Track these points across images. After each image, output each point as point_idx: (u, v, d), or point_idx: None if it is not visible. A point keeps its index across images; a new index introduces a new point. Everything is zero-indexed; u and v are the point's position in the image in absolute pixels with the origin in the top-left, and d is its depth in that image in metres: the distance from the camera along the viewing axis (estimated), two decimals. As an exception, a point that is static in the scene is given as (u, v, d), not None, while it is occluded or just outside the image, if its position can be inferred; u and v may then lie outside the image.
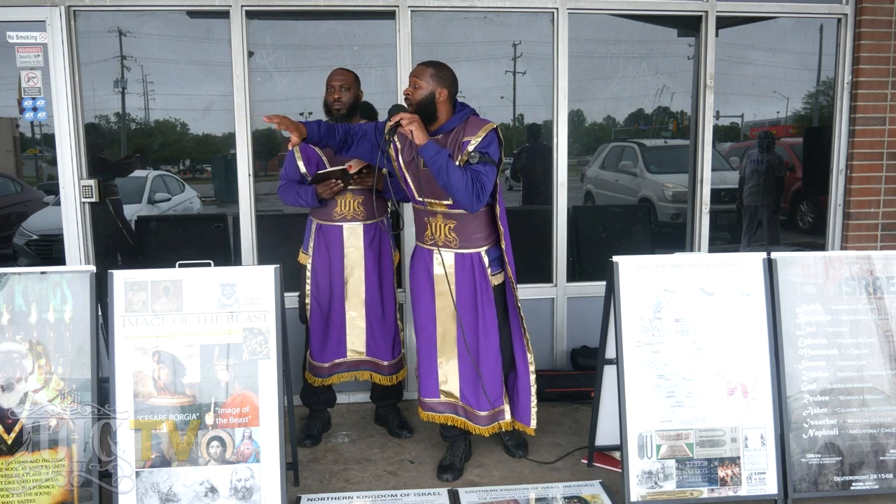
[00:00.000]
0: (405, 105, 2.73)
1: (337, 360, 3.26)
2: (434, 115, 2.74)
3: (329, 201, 3.14)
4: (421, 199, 2.83)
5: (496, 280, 2.87)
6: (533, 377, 2.95)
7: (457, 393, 2.93)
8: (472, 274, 2.84)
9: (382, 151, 2.77)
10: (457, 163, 2.66)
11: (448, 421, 2.97)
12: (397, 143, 2.82)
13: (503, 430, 2.94)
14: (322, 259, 3.20)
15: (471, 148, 2.67)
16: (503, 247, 2.85)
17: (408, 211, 3.77)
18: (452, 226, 2.81)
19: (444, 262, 2.84)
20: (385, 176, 3.20)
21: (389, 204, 3.35)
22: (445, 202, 2.76)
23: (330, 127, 2.84)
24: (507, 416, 2.93)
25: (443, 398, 2.96)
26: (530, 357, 2.95)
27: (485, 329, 2.86)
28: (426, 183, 2.75)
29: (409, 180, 2.83)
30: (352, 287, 3.22)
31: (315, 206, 3.14)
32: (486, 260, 2.84)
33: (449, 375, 2.92)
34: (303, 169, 3.16)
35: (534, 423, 2.97)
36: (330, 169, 3.03)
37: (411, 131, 2.60)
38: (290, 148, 2.84)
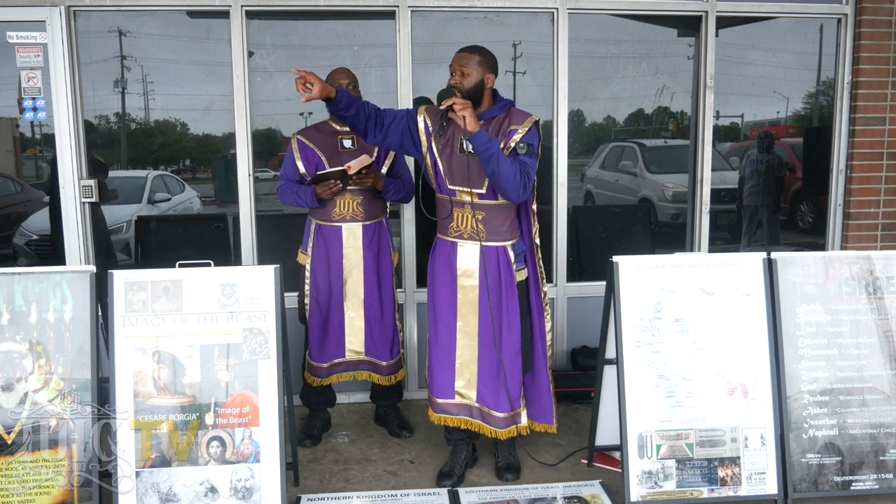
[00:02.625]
0: (452, 91, 2.66)
1: (336, 361, 3.26)
2: (480, 101, 2.72)
3: (328, 202, 3.13)
4: (451, 189, 2.77)
5: (520, 276, 2.83)
6: (550, 375, 2.93)
7: (473, 394, 2.86)
8: (497, 268, 2.79)
9: (436, 136, 2.74)
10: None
11: (462, 424, 2.90)
12: (430, 128, 2.77)
13: (519, 433, 2.88)
14: (321, 259, 3.20)
15: (517, 137, 2.66)
16: (536, 242, 2.85)
17: (407, 211, 3.77)
18: (481, 217, 2.75)
19: (460, 263, 2.79)
20: (384, 176, 3.20)
21: (388, 204, 3.36)
22: (478, 191, 2.72)
23: (360, 103, 2.75)
24: (524, 420, 2.87)
25: (457, 399, 2.88)
26: (550, 352, 2.93)
27: (508, 327, 2.80)
28: (460, 171, 2.71)
29: (442, 167, 2.77)
30: (350, 287, 3.21)
31: (314, 207, 3.14)
32: (511, 254, 2.81)
33: (467, 375, 2.86)
34: (302, 169, 3.16)
35: (555, 421, 2.96)
36: (329, 169, 3.03)
37: (464, 117, 2.55)
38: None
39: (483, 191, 2.72)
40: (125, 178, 5.59)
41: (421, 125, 2.79)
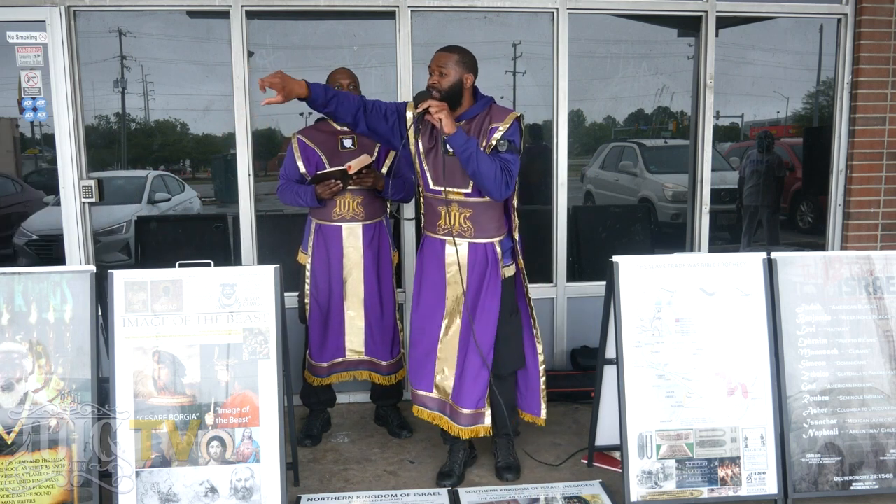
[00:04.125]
0: (429, 92, 2.67)
1: (336, 360, 3.26)
2: (459, 101, 2.72)
3: (328, 201, 3.13)
4: (437, 189, 2.77)
5: (508, 272, 2.84)
6: (542, 368, 2.94)
7: (450, 389, 2.87)
8: (484, 265, 2.79)
9: (414, 137, 2.73)
10: (482, 149, 2.64)
11: (434, 420, 2.92)
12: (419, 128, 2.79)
13: (482, 434, 2.86)
14: (321, 259, 3.20)
15: (498, 135, 2.66)
16: (516, 238, 2.84)
17: (408, 210, 3.77)
18: (468, 214, 2.76)
19: (457, 252, 2.79)
20: (384, 175, 3.20)
21: (388, 204, 3.35)
22: (463, 190, 2.73)
23: (341, 96, 2.72)
24: (487, 422, 2.85)
25: (434, 393, 2.91)
26: (539, 348, 2.93)
27: (482, 322, 2.79)
28: (446, 171, 2.71)
29: (427, 168, 2.78)
30: (351, 287, 3.21)
31: (314, 206, 3.14)
32: (499, 251, 2.81)
33: (446, 369, 2.87)
34: (302, 169, 3.16)
35: (544, 413, 2.95)
36: (329, 169, 3.03)
37: (440, 119, 2.56)
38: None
39: (469, 190, 2.73)
40: (125, 178, 5.59)
41: (409, 120, 2.79)
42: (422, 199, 2.92)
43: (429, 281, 2.88)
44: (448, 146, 2.64)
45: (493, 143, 2.66)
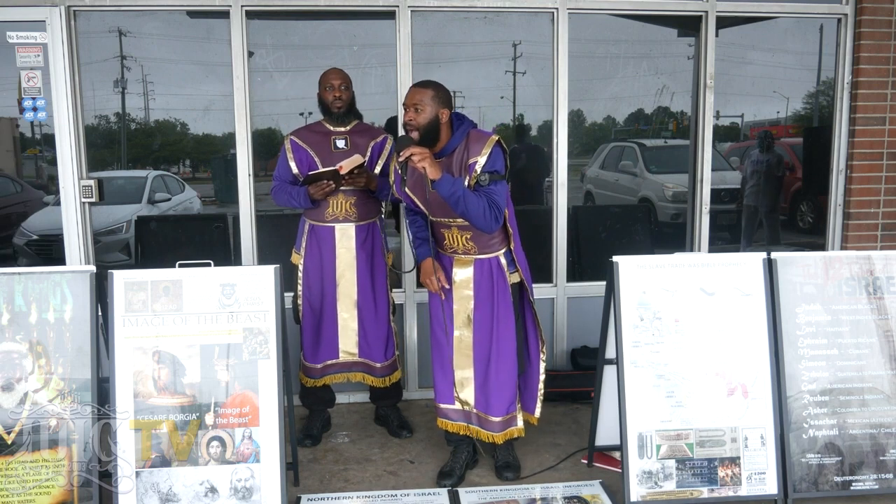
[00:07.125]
0: (410, 136, 2.66)
1: (329, 362, 3.26)
2: (437, 136, 2.70)
3: (321, 202, 3.13)
4: (434, 219, 2.82)
5: (514, 279, 2.85)
6: (543, 366, 2.95)
7: (472, 400, 2.90)
8: (490, 277, 2.82)
9: (402, 184, 2.74)
10: (465, 183, 2.63)
11: (460, 430, 2.94)
12: (400, 171, 2.81)
13: (516, 436, 2.91)
14: (314, 260, 3.20)
15: (478, 169, 2.64)
16: (512, 248, 2.85)
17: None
18: (469, 236, 2.79)
19: (456, 275, 2.85)
20: (378, 176, 3.19)
21: (383, 205, 3.35)
22: (459, 219, 2.74)
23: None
24: (520, 423, 2.90)
25: (457, 405, 2.93)
26: (542, 346, 2.94)
27: (502, 332, 2.83)
28: (437, 205, 2.73)
29: (419, 203, 2.82)
30: (343, 288, 3.21)
31: (308, 207, 3.14)
32: (503, 262, 2.83)
33: (465, 381, 2.90)
34: (295, 170, 3.15)
35: (538, 412, 2.96)
36: (321, 170, 3.02)
37: (424, 168, 2.55)
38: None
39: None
40: (125, 178, 5.60)
41: (393, 174, 2.86)
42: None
43: (437, 296, 2.90)
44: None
45: (476, 178, 2.64)
